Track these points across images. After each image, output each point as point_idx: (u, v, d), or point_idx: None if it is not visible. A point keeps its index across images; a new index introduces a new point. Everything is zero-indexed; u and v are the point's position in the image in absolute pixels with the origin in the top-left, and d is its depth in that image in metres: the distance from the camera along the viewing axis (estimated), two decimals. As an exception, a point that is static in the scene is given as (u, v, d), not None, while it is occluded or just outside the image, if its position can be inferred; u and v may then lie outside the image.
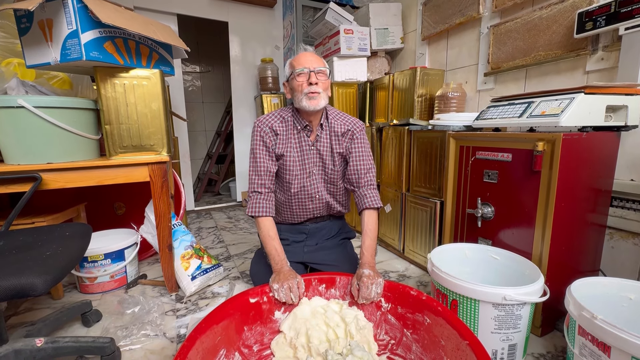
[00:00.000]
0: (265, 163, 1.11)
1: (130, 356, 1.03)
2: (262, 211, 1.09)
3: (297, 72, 1.06)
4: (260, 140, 1.12)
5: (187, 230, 1.57)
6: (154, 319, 1.18)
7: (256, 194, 1.11)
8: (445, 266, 1.03)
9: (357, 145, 1.15)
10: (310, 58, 1.06)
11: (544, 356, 1.00)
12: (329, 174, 1.19)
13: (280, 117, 1.15)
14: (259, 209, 1.09)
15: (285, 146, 1.13)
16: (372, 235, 1.06)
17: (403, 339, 0.90)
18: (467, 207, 1.29)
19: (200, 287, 1.42)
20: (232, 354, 0.83)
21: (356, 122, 1.17)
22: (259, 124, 1.13)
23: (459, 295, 0.94)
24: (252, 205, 1.10)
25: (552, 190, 1.00)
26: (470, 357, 0.66)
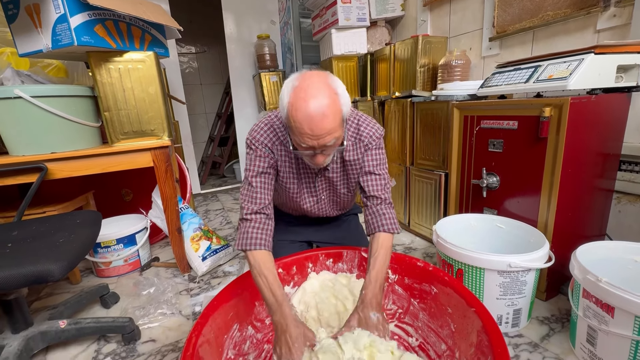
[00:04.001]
0: (262, 187, 0.86)
1: (149, 333, 1.08)
2: (252, 243, 0.80)
3: (298, 142, 0.74)
4: (257, 161, 0.86)
5: (194, 213, 1.59)
6: (169, 298, 1.22)
7: (246, 221, 0.84)
8: (450, 237, 1.04)
9: (371, 157, 0.89)
10: (317, 129, 0.69)
11: (548, 319, 1.02)
12: (342, 197, 1.00)
13: (277, 138, 0.87)
14: (248, 240, 0.80)
15: (285, 174, 0.91)
16: (386, 261, 0.81)
17: (410, 308, 0.92)
18: (472, 178, 1.28)
19: (211, 267, 1.45)
20: (245, 328, 0.86)
21: (372, 132, 0.89)
22: (255, 142, 0.86)
23: (464, 264, 0.95)
24: (242, 235, 0.82)
25: (559, 157, 0.98)
26: (476, 323, 0.68)
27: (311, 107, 0.68)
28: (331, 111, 0.69)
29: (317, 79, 0.71)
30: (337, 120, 0.71)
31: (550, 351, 0.90)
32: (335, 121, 0.71)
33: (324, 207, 1.03)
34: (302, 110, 0.69)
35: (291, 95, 0.70)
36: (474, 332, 0.69)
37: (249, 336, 0.87)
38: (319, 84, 0.70)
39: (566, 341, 0.92)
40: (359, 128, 0.90)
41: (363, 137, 0.89)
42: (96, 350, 1.02)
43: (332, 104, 0.70)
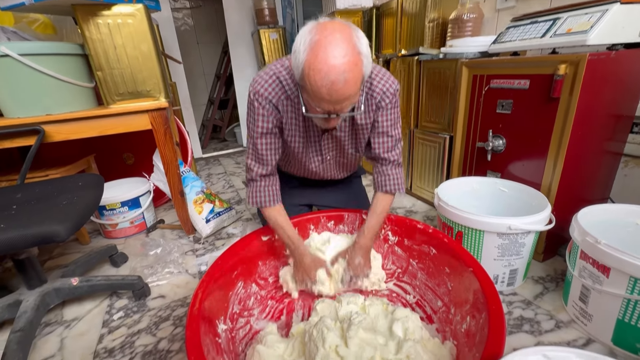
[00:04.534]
0: (268, 150, 0.85)
1: (158, 290, 1.13)
2: (268, 201, 0.88)
3: (312, 105, 0.69)
4: (260, 121, 0.81)
5: (196, 177, 1.59)
6: (176, 258, 1.26)
7: (255, 182, 0.88)
8: (451, 200, 1.04)
9: (385, 117, 0.84)
10: (337, 95, 0.63)
11: (543, 279, 1.05)
12: (349, 157, 0.97)
13: (283, 92, 0.80)
14: (263, 198, 0.88)
15: (290, 132, 0.86)
16: (380, 218, 0.88)
17: (409, 268, 0.95)
18: (478, 141, 1.25)
19: (215, 229, 1.48)
20: (249, 285, 0.90)
21: (386, 88, 0.81)
22: (258, 98, 0.79)
23: (464, 226, 0.96)
24: (254, 194, 0.88)
25: (570, 118, 0.94)
26: (473, 282, 0.70)
27: (333, 70, 0.60)
28: (353, 76, 0.62)
29: (339, 35, 0.61)
30: (358, 85, 0.65)
31: (543, 308, 0.93)
32: (357, 86, 0.64)
33: (329, 169, 1.00)
34: (322, 74, 0.60)
35: (309, 52, 0.61)
36: (470, 290, 0.71)
37: (253, 293, 0.91)
38: (343, 42, 0.60)
39: (559, 299, 0.96)
40: (372, 82, 0.81)
41: (375, 93, 0.81)
42: (109, 305, 1.07)
43: (355, 68, 0.62)
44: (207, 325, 0.66)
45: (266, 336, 0.72)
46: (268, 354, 0.66)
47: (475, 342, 0.60)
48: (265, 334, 0.74)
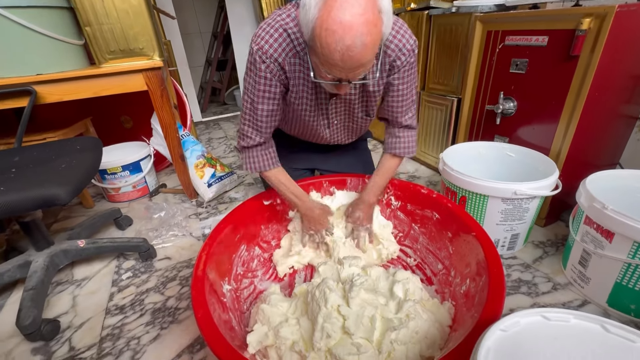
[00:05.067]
0: (269, 117, 0.78)
1: (164, 252, 1.15)
2: (266, 165, 0.84)
3: (322, 69, 0.61)
4: (263, 84, 0.72)
5: (196, 141, 1.57)
6: (179, 221, 1.28)
7: (249, 150, 0.83)
8: (456, 165, 1.02)
9: (399, 80, 0.76)
10: (352, 61, 0.56)
11: (543, 243, 1.06)
12: (359, 122, 0.91)
13: (291, 48, 0.69)
14: (262, 163, 0.83)
15: (297, 95, 0.79)
16: (385, 177, 0.87)
17: (411, 232, 0.95)
18: (487, 104, 1.20)
19: (217, 194, 1.49)
20: (252, 248, 0.91)
21: (402, 45, 0.71)
22: (262, 56, 0.68)
23: (468, 191, 0.95)
24: (251, 159, 0.83)
25: (588, 79, 0.89)
26: (475, 246, 0.70)
27: (349, 33, 0.51)
28: (371, 40, 0.53)
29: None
30: (376, 50, 0.57)
31: (541, 271, 0.95)
32: (374, 51, 0.56)
33: (336, 133, 0.95)
34: (335, 36, 0.52)
35: (321, 7, 0.52)
36: (472, 254, 0.71)
37: (256, 255, 0.93)
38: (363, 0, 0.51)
39: (557, 263, 0.97)
40: (387, 38, 0.72)
41: (390, 50, 0.71)
42: (117, 266, 1.10)
43: (375, 29, 0.53)
44: (211, 286, 0.67)
45: (270, 296, 0.74)
46: (272, 312, 0.68)
47: (474, 303, 0.61)
48: (269, 293, 0.76)
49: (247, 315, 0.79)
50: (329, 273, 0.78)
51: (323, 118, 0.88)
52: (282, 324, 0.65)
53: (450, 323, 0.68)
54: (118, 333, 0.84)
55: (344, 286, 0.69)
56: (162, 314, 0.89)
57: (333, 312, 0.61)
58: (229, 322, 0.66)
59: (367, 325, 0.59)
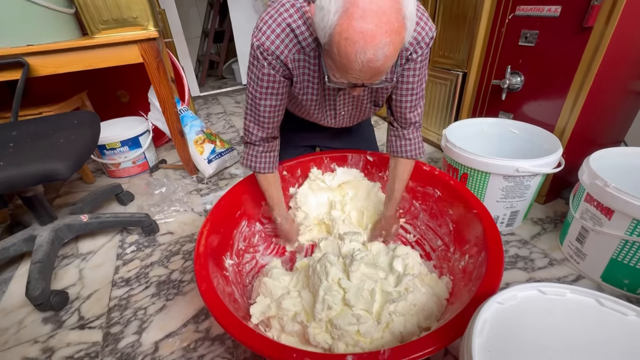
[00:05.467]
0: (272, 113, 0.76)
1: (167, 227, 1.17)
2: (263, 167, 0.82)
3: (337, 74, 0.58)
4: (266, 81, 0.70)
5: (195, 116, 1.54)
6: (181, 197, 1.28)
7: (253, 146, 0.81)
8: (459, 142, 1.01)
9: (412, 72, 0.72)
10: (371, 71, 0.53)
11: (542, 220, 1.07)
12: (366, 112, 0.89)
13: (294, 42, 0.66)
14: (259, 164, 0.82)
15: (302, 90, 0.76)
16: (404, 185, 0.84)
17: (411, 209, 0.96)
18: (494, 78, 1.17)
19: (217, 170, 1.49)
20: (253, 224, 0.92)
21: (422, 37, 0.67)
22: (264, 52, 0.66)
23: (470, 168, 0.95)
24: (250, 157, 0.82)
25: (600, 52, 0.86)
26: (476, 223, 0.71)
27: (370, 44, 0.49)
28: (394, 49, 0.51)
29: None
30: (396, 56, 0.55)
31: (538, 247, 0.96)
32: (395, 58, 0.54)
33: (341, 121, 0.93)
34: (356, 46, 0.49)
35: (342, 15, 0.49)
36: (471, 231, 0.72)
37: (258, 231, 0.94)
38: (386, 6, 0.48)
39: (555, 239, 0.98)
40: None
41: (408, 44, 0.67)
42: (121, 240, 1.12)
43: (397, 38, 0.51)
44: (214, 260, 0.69)
45: (271, 269, 0.76)
46: (274, 285, 0.70)
47: (472, 278, 0.63)
48: (271, 267, 0.78)
49: (249, 288, 0.81)
50: (330, 248, 0.79)
51: (329, 109, 0.86)
52: (284, 296, 0.66)
53: (448, 296, 0.70)
54: (125, 304, 0.87)
55: (344, 260, 0.70)
56: (167, 286, 0.91)
57: (334, 285, 0.62)
58: (232, 295, 0.68)
59: (367, 297, 0.61)
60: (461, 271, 0.70)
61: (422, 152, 0.82)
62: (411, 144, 0.81)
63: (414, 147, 0.81)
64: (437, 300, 0.67)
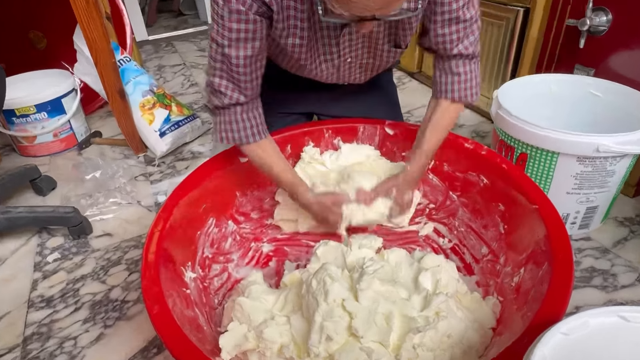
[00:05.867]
0: (250, 65, 0.76)
1: (103, 226, 1.18)
2: (250, 135, 0.82)
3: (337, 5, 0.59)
4: (236, 21, 0.69)
5: (141, 69, 1.54)
6: (122, 185, 1.29)
7: (227, 110, 0.80)
8: (517, 108, 1.00)
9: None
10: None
11: (630, 220, 1.08)
12: (383, 56, 0.89)
13: None
14: (242, 132, 0.81)
15: (284, 30, 0.76)
16: (443, 136, 0.85)
17: (446, 203, 0.96)
18: (568, 17, 1.16)
19: (174, 146, 1.49)
20: (224, 223, 0.93)
21: None
22: None
23: (531, 147, 0.95)
24: (227, 125, 0.81)
25: None
26: (537, 224, 0.71)
27: None
28: None
29: None
30: None
31: (623, 258, 0.97)
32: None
33: (347, 73, 0.93)
34: None
35: None
36: (530, 234, 0.73)
37: (231, 232, 0.94)
38: None
39: (646, 247, 0.99)
40: None
41: None
42: (40, 245, 1.13)
43: None
44: (169, 273, 0.69)
45: (249, 286, 0.76)
46: (253, 308, 0.70)
47: (528, 299, 0.63)
48: (249, 283, 0.78)
49: (219, 311, 0.82)
50: (330, 257, 0.80)
51: (328, 58, 0.86)
52: (266, 322, 0.67)
53: (494, 324, 0.70)
54: (47, 332, 0.88)
55: (351, 274, 0.71)
56: (104, 308, 0.93)
57: (336, 308, 0.63)
58: (194, 320, 0.69)
59: (382, 325, 0.62)
60: (514, 290, 0.71)
61: (474, 93, 0.82)
62: (460, 80, 0.81)
63: (463, 85, 0.81)
64: (479, 329, 0.67)
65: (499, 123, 1.01)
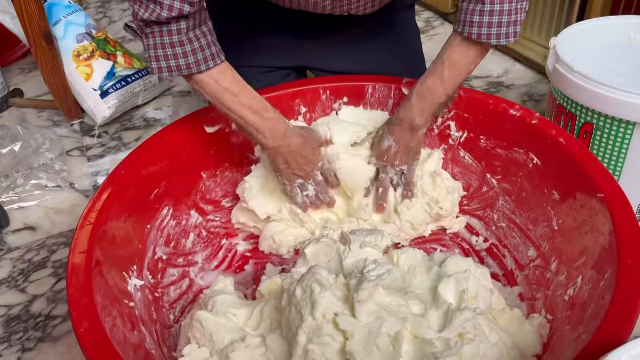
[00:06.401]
0: None
1: (23, 217, 1.19)
2: (198, 59, 0.81)
3: None
4: None
5: (75, 4, 1.53)
6: (49, 162, 1.29)
7: (168, 26, 0.79)
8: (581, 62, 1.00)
9: None
10: None
11: None
12: None
13: None
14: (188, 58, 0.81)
15: None
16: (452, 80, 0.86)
17: (482, 189, 0.97)
18: None
19: (120, 110, 1.49)
20: (185, 214, 0.93)
21: None
22: None
23: (599, 114, 0.95)
24: (164, 51, 0.80)
25: None
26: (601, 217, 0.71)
27: None
28: None
29: None
30: None
31: None
32: None
33: None
34: None
35: None
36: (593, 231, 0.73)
37: (194, 226, 0.95)
38: None
39: None
40: None
41: None
42: (-64, 240, 1.14)
43: None
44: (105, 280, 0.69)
45: (215, 297, 0.76)
46: (217, 326, 0.70)
47: (585, 316, 0.63)
48: (213, 293, 0.78)
49: (174, 330, 0.82)
50: (322, 258, 0.80)
51: None
52: (234, 344, 0.67)
53: (540, 351, 0.71)
54: (-53, 354, 0.89)
55: (347, 281, 0.71)
56: (23, 325, 0.93)
57: (326, 325, 0.62)
58: (140, 345, 0.69)
59: (386, 349, 0.61)
60: (567, 306, 0.71)
61: (509, 32, 0.80)
62: (484, 11, 0.78)
63: (488, 18, 0.78)
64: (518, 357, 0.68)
65: (557, 82, 1.01)
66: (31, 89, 1.67)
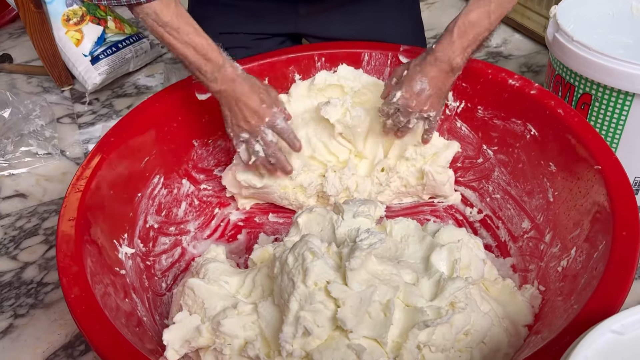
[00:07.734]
0: None
1: (14, 184, 1.19)
2: None
3: None
4: None
5: (64, -33, 1.49)
6: (39, 129, 1.29)
7: None
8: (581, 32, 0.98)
9: None
10: None
11: None
12: None
13: None
14: None
15: None
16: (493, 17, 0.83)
17: (478, 160, 0.97)
18: None
19: (111, 76, 1.48)
20: (177, 182, 0.93)
21: None
22: None
23: (598, 85, 0.94)
24: None
25: None
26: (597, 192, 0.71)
27: None
28: None
29: None
30: None
31: None
32: None
33: None
34: None
35: None
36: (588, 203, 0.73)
37: (185, 195, 0.95)
38: None
39: None
40: None
41: None
42: None
43: None
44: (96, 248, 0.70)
45: (207, 264, 0.76)
46: (209, 293, 0.70)
47: (578, 287, 0.64)
48: (206, 261, 0.78)
49: (166, 299, 0.83)
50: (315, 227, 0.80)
51: None
52: (226, 311, 0.67)
53: (531, 321, 0.72)
54: (-64, 322, 0.90)
55: (339, 250, 0.71)
56: (14, 292, 0.94)
57: (317, 292, 0.63)
58: (133, 312, 0.70)
59: (378, 316, 0.62)
60: (559, 277, 0.72)
61: None
62: None
63: None
64: (509, 326, 0.68)
65: (556, 51, 1.00)
66: (21, 54, 1.66)
